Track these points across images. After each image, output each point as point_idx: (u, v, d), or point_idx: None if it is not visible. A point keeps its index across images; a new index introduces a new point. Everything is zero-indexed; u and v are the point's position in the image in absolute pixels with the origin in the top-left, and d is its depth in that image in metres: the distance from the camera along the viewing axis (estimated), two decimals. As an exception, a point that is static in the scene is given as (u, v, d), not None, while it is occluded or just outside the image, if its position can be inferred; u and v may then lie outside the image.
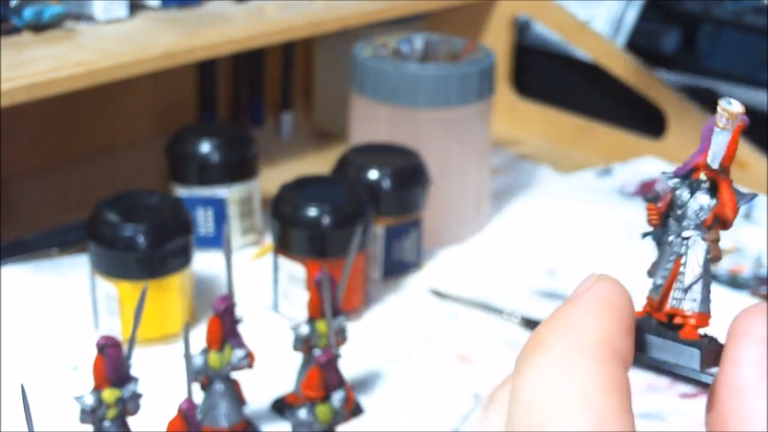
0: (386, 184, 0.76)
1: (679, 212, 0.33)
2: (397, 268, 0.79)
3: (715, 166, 0.32)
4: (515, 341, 0.72)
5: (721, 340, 0.32)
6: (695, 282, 0.32)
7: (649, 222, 0.34)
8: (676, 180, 0.33)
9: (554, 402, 0.28)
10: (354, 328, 0.69)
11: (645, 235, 0.34)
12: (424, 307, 0.76)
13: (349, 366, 0.64)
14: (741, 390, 0.29)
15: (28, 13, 0.74)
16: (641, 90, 1.00)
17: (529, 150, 1.04)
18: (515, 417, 0.28)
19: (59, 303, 0.73)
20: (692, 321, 0.33)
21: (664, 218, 0.33)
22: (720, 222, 0.32)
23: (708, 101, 1.01)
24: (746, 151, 0.95)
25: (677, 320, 0.33)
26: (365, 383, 0.67)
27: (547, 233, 0.87)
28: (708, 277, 0.32)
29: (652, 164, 0.98)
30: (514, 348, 0.71)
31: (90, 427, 0.54)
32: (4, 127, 0.86)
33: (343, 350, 0.60)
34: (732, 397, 0.29)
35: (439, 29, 1.02)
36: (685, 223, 0.32)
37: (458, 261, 0.82)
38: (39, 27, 0.75)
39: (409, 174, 0.77)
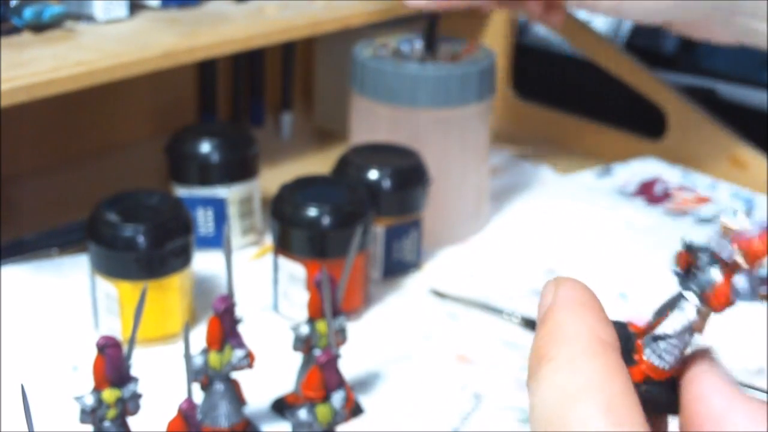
0: (386, 184, 0.76)
1: (695, 272, 0.33)
2: (397, 268, 0.79)
3: (724, 257, 0.32)
4: (515, 341, 0.72)
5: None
6: (663, 338, 0.33)
7: (675, 264, 0.34)
8: (703, 245, 0.34)
9: (567, 398, 0.31)
10: (354, 328, 0.69)
11: (674, 272, 0.34)
12: (424, 307, 0.76)
13: (349, 366, 0.64)
14: (720, 417, 0.31)
15: (28, 13, 0.74)
16: (641, 90, 1.00)
17: (529, 150, 1.04)
18: (535, 423, 0.32)
19: (59, 303, 0.73)
20: (642, 366, 0.34)
21: (688, 267, 0.34)
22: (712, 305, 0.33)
23: (708, 101, 1.01)
24: (746, 151, 0.95)
25: (636, 357, 0.34)
26: (365, 383, 0.67)
27: (547, 233, 0.87)
28: (681, 341, 0.33)
29: (652, 164, 0.98)
30: (514, 348, 0.71)
31: (90, 427, 0.54)
32: (4, 127, 0.86)
33: (343, 350, 0.60)
34: (714, 425, 0.31)
35: (439, 29, 1.02)
36: (693, 285, 0.33)
37: (458, 261, 0.82)
38: (39, 27, 0.75)
39: (409, 174, 0.77)
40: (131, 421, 0.54)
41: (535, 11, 0.84)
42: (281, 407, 0.64)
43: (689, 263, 0.33)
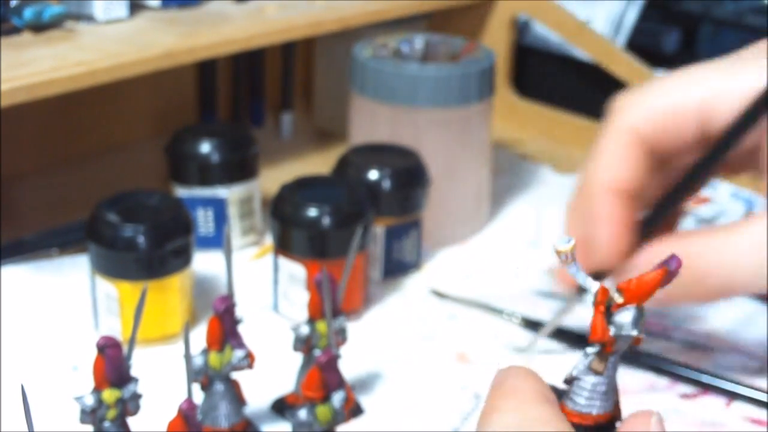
0: (386, 184, 0.76)
1: None
2: (397, 269, 0.79)
3: (590, 293, 0.38)
4: (515, 341, 0.72)
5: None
6: (570, 381, 0.39)
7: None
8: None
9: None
10: (354, 328, 0.69)
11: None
12: (424, 307, 0.76)
13: (349, 366, 0.64)
14: None
15: (28, 13, 0.74)
16: (641, 90, 1.00)
17: (529, 150, 1.04)
18: None
19: (59, 303, 0.73)
20: (565, 413, 0.39)
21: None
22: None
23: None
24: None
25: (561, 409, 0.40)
26: (365, 383, 0.67)
27: (547, 233, 0.87)
28: (586, 383, 0.39)
29: (652, 164, 0.98)
30: (514, 348, 0.71)
31: (90, 428, 0.54)
32: (4, 127, 0.86)
33: (343, 350, 0.60)
34: None
35: (439, 29, 1.02)
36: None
37: (458, 261, 0.82)
38: (39, 27, 0.75)
39: (409, 174, 0.77)
40: (131, 421, 0.54)
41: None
42: (281, 407, 0.64)
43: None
